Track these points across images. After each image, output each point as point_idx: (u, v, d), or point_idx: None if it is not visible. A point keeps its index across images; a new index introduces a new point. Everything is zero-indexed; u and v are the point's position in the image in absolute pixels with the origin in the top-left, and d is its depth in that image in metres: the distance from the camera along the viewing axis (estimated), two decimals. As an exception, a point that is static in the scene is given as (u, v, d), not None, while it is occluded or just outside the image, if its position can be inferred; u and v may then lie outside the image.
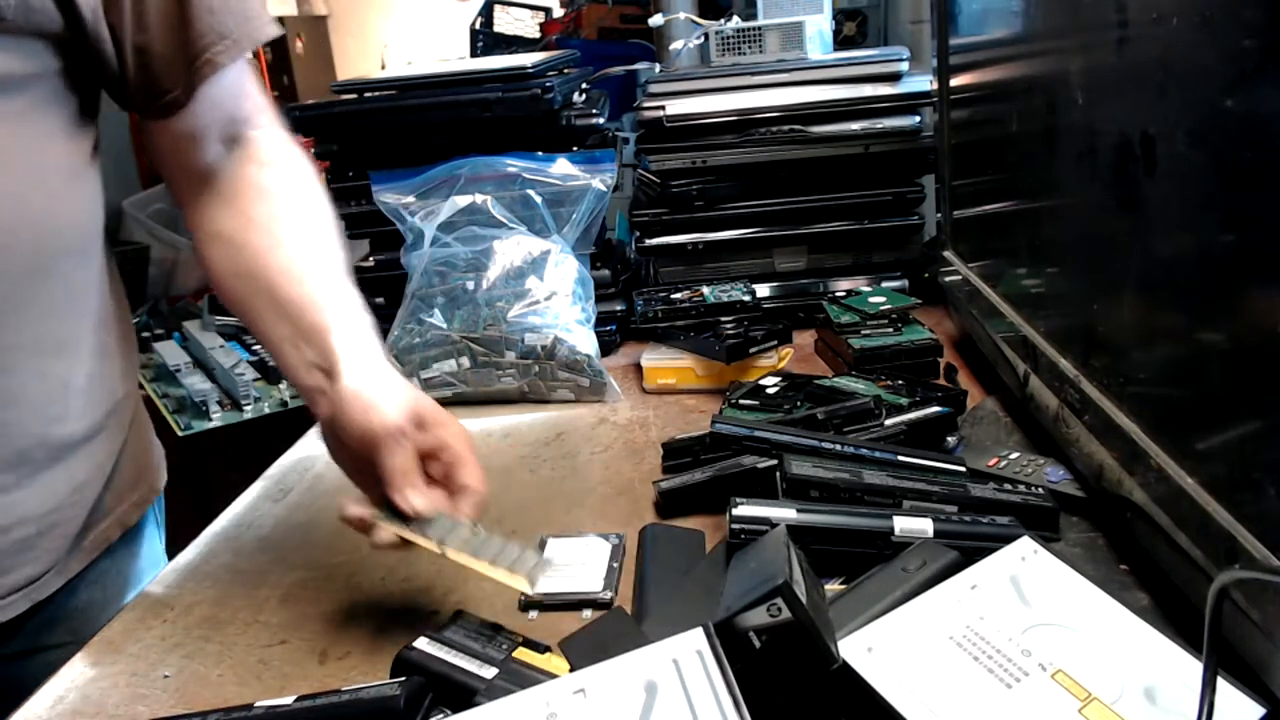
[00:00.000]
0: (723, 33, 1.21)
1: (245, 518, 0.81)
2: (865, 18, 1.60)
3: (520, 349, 1.00)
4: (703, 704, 0.41)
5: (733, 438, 0.74)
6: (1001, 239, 0.89)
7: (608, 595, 0.63)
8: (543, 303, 1.00)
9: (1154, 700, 0.43)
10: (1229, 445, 0.48)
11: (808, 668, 0.44)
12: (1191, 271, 0.51)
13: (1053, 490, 0.67)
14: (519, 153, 1.07)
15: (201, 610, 0.67)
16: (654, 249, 1.21)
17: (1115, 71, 0.58)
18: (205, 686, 0.59)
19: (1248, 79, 0.43)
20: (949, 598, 0.49)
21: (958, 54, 1.00)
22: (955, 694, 0.43)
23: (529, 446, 0.92)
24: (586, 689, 0.42)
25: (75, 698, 0.59)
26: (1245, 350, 0.46)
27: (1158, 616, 0.53)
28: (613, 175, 1.06)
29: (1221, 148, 0.47)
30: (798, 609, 0.44)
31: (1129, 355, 0.60)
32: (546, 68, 1.14)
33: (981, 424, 0.83)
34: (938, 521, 0.59)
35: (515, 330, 1.00)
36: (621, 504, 0.77)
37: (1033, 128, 0.76)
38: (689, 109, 1.15)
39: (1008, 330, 0.81)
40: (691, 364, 1.01)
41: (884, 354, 0.95)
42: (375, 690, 0.49)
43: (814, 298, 1.16)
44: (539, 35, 2.37)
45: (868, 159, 1.16)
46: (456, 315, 1.01)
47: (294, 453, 0.95)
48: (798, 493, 0.64)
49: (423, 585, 0.68)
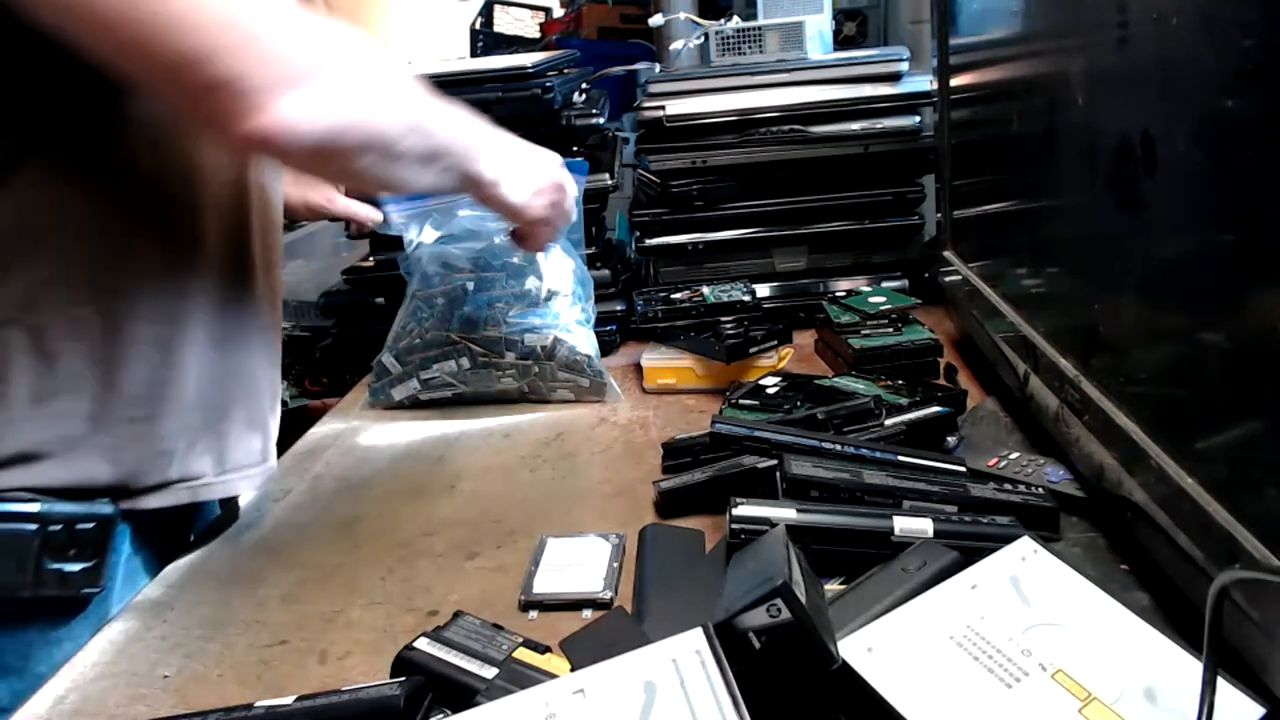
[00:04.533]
0: (723, 33, 1.22)
1: (245, 518, 0.81)
2: (865, 18, 1.60)
3: (520, 349, 1.00)
4: (702, 704, 0.41)
5: (733, 438, 0.74)
6: (1001, 239, 0.89)
7: (608, 595, 0.63)
8: (542, 304, 1.00)
9: (1154, 700, 0.43)
10: (1229, 445, 0.48)
11: (807, 668, 0.44)
12: (1192, 271, 0.51)
13: (1053, 490, 0.67)
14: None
15: (201, 610, 0.67)
16: (654, 249, 1.21)
17: (1115, 71, 0.58)
18: (205, 686, 0.59)
19: (1248, 79, 0.43)
20: (949, 598, 0.49)
21: (958, 54, 1.00)
22: (955, 694, 0.43)
23: (529, 446, 0.92)
24: (586, 689, 0.42)
25: (75, 698, 0.59)
26: (1245, 350, 0.46)
27: (1158, 616, 0.53)
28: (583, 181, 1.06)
29: (1221, 148, 0.47)
30: (797, 609, 0.44)
31: (1129, 355, 0.60)
32: (546, 68, 1.14)
33: (981, 424, 0.83)
34: (938, 521, 0.59)
35: (515, 331, 1.00)
36: (621, 504, 0.77)
37: (1033, 128, 0.76)
38: (689, 109, 1.15)
39: (1008, 330, 0.81)
40: (691, 364, 1.01)
41: (884, 354, 0.95)
42: (375, 690, 0.49)
43: (814, 298, 1.16)
44: (539, 35, 2.37)
45: (868, 159, 1.16)
46: (456, 315, 1.01)
47: (294, 453, 0.95)
48: (798, 493, 0.64)
49: (423, 585, 0.68)
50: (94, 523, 0.66)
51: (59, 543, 0.65)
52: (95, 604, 0.68)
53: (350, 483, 0.88)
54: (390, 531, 0.77)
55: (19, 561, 0.63)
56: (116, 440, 0.67)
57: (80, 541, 0.66)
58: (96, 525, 0.66)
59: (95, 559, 0.66)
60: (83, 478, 0.66)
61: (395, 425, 1.01)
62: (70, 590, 0.66)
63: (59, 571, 0.65)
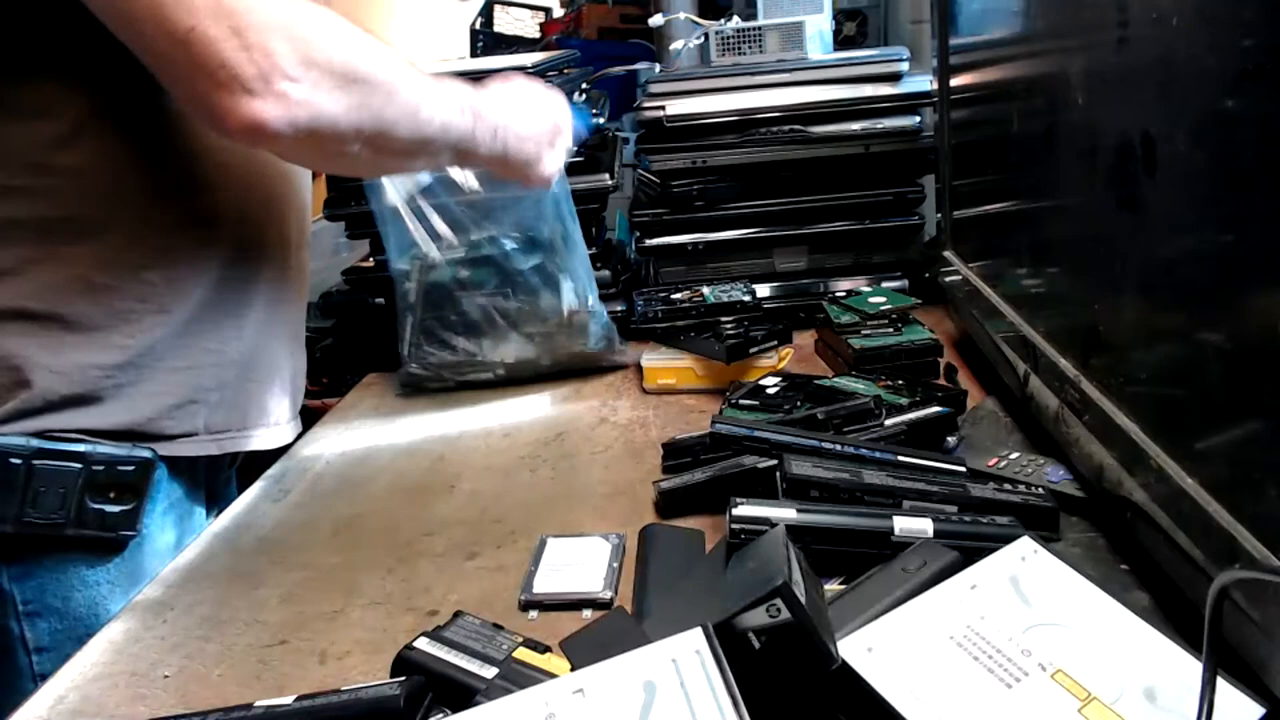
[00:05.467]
0: (723, 33, 1.21)
1: (245, 518, 0.81)
2: (865, 18, 1.60)
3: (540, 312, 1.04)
4: (701, 704, 0.41)
5: (733, 438, 0.74)
6: (1002, 239, 0.89)
7: (608, 595, 0.63)
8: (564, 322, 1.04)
9: (1154, 700, 0.43)
10: (1229, 445, 0.48)
11: (807, 668, 0.44)
12: (1192, 271, 0.51)
13: (1053, 490, 0.67)
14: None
15: (201, 610, 0.67)
16: (654, 249, 1.21)
17: (1115, 71, 0.58)
18: (205, 686, 0.59)
19: (1248, 79, 0.43)
20: (949, 598, 0.49)
21: (958, 54, 1.00)
22: (955, 694, 0.43)
23: (529, 446, 0.92)
24: (585, 689, 0.42)
25: (75, 698, 0.59)
26: (1245, 350, 0.46)
27: (1158, 616, 0.53)
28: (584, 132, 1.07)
29: (1221, 148, 0.47)
30: (797, 609, 0.44)
31: (1129, 355, 0.60)
32: (546, 68, 1.14)
33: (981, 424, 0.83)
34: (938, 521, 0.59)
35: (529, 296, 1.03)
36: (621, 504, 0.77)
37: (1033, 128, 0.76)
38: (689, 109, 1.15)
39: (1008, 330, 0.81)
40: (691, 364, 1.01)
41: (884, 354, 0.95)
42: (375, 690, 0.49)
43: (814, 298, 1.16)
44: (539, 35, 2.37)
45: (868, 159, 1.16)
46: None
47: (294, 453, 0.95)
48: (798, 493, 0.64)
49: (423, 585, 0.68)
50: (134, 465, 0.70)
51: (101, 483, 0.69)
52: (131, 550, 0.72)
53: (350, 483, 0.88)
54: (390, 531, 0.77)
55: (63, 499, 0.67)
56: (160, 388, 0.72)
57: (120, 484, 0.69)
58: (136, 468, 0.70)
59: (134, 502, 0.70)
60: (126, 422, 0.70)
61: (395, 425, 1.01)
62: (109, 531, 0.70)
63: (100, 511, 0.69)
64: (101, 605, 0.69)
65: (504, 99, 0.79)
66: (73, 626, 0.66)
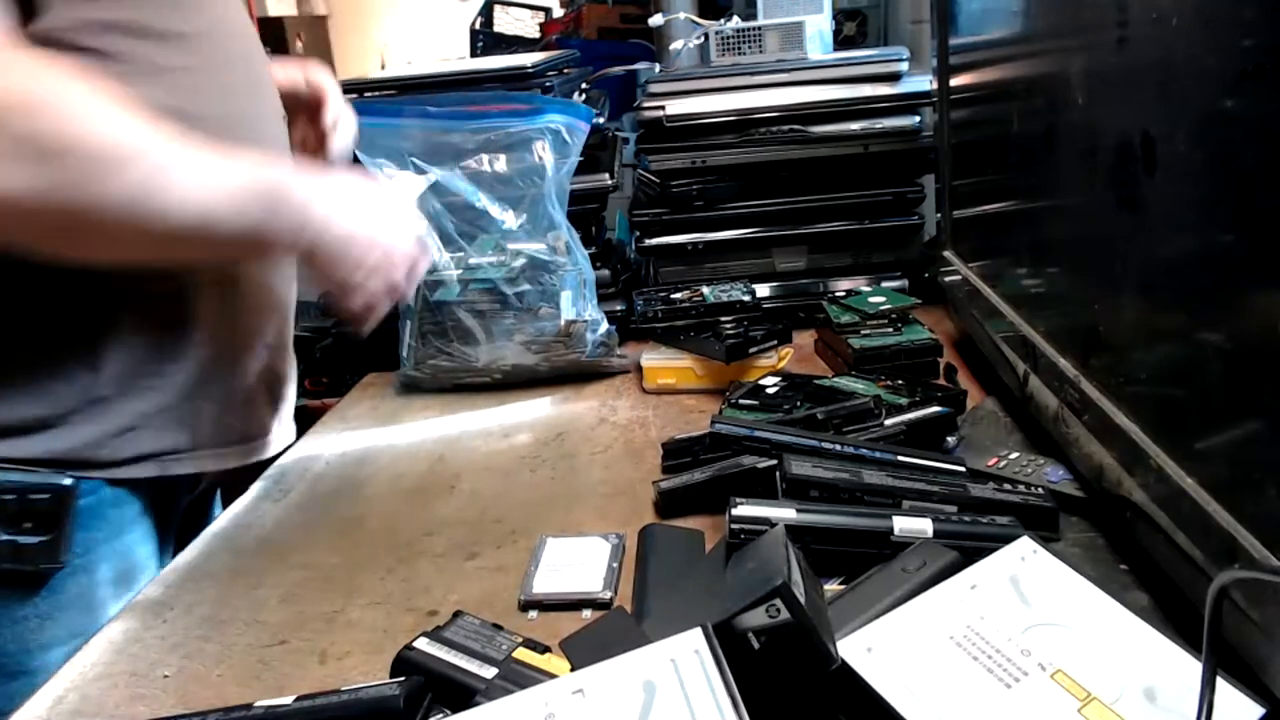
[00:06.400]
0: (723, 33, 1.21)
1: (245, 518, 0.81)
2: (865, 18, 1.60)
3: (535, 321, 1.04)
4: (701, 704, 0.41)
5: (733, 438, 0.74)
6: (1001, 239, 0.89)
7: (608, 595, 0.63)
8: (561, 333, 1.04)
9: (1154, 700, 0.43)
10: (1229, 445, 0.48)
11: (807, 668, 0.44)
12: (1191, 271, 0.51)
13: (1053, 490, 0.67)
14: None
15: (201, 610, 0.67)
16: (654, 249, 1.21)
17: (1115, 71, 0.58)
18: (205, 686, 0.59)
19: (1248, 79, 0.43)
20: (949, 598, 0.49)
21: (958, 54, 1.00)
22: (955, 694, 0.43)
23: (529, 446, 0.92)
24: (585, 689, 0.42)
25: (75, 698, 0.59)
26: (1245, 350, 0.46)
27: (1158, 616, 0.53)
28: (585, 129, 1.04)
29: (1221, 148, 0.47)
30: (796, 610, 0.44)
31: (1129, 355, 0.60)
32: (546, 68, 1.14)
33: (981, 424, 0.83)
34: (937, 521, 0.59)
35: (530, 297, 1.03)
36: (621, 504, 0.77)
37: (1033, 128, 0.76)
38: (689, 109, 1.15)
39: (1008, 330, 0.81)
40: (691, 364, 1.01)
41: (884, 354, 0.95)
42: (375, 690, 0.49)
43: (814, 298, 1.16)
44: (539, 35, 2.37)
45: (868, 159, 1.16)
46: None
47: (294, 453, 0.95)
48: (797, 493, 0.64)
49: (422, 585, 0.68)
50: (48, 494, 0.64)
51: (11, 513, 0.63)
52: (62, 582, 0.66)
53: (350, 483, 0.88)
54: (390, 531, 0.77)
55: None
56: (97, 418, 0.66)
57: (34, 513, 0.63)
58: (51, 497, 0.64)
59: (52, 532, 0.64)
60: (56, 450, 0.64)
61: (395, 425, 1.01)
62: (26, 564, 0.64)
63: (12, 543, 0.63)
64: (32, 639, 0.64)
65: (340, 197, 0.66)
66: (2, 664, 0.61)
